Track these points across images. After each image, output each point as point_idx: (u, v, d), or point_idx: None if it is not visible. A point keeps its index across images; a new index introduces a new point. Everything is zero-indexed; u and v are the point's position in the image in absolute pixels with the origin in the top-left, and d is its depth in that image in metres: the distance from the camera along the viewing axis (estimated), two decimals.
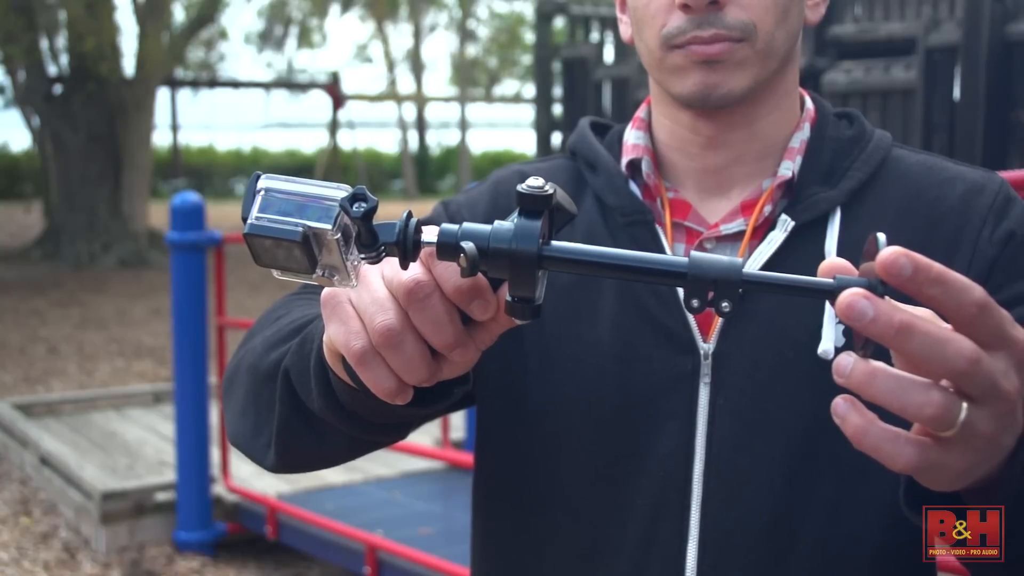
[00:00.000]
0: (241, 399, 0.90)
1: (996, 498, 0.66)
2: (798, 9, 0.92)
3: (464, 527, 1.04)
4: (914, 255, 0.54)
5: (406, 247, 0.63)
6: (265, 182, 0.63)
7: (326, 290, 0.69)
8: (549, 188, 0.63)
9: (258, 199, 0.62)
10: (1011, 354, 0.56)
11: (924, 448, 0.56)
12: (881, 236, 0.57)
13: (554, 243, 0.63)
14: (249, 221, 0.61)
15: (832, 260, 0.60)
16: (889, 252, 0.54)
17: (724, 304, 0.59)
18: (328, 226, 0.60)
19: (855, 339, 0.58)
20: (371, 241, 0.62)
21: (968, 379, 0.55)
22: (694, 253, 0.60)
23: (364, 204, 0.61)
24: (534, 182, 0.62)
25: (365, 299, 0.67)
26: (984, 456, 0.58)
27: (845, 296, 0.54)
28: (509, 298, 0.63)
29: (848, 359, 0.56)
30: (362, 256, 0.63)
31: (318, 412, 0.80)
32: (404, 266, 0.64)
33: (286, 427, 0.85)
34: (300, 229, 0.60)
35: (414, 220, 0.63)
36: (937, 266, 0.54)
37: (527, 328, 0.93)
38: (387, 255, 0.63)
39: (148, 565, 4.28)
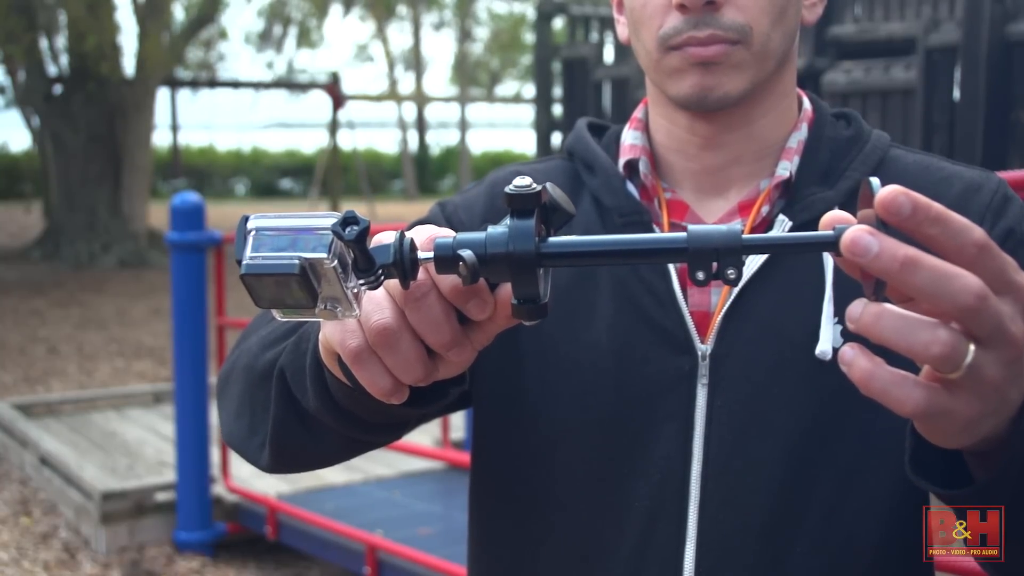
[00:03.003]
0: (236, 399, 0.90)
1: (1000, 463, 0.65)
2: (795, 10, 0.92)
3: (464, 527, 1.04)
4: (913, 194, 0.53)
5: (404, 267, 0.62)
6: (254, 222, 0.62)
7: None
8: (537, 186, 0.62)
9: (250, 240, 0.61)
10: (1016, 299, 0.56)
11: (932, 391, 0.56)
12: (874, 180, 0.57)
13: (551, 239, 0.63)
14: (244, 263, 0.60)
15: (834, 212, 0.59)
16: (888, 191, 0.53)
17: (730, 272, 0.59)
18: (324, 254, 0.60)
19: (864, 286, 0.58)
20: (368, 265, 0.62)
21: (975, 317, 0.54)
22: (691, 226, 0.60)
23: (356, 226, 0.60)
24: (520, 181, 0.62)
25: (362, 300, 0.67)
26: (991, 406, 0.57)
27: (849, 232, 0.54)
28: (515, 301, 0.63)
29: (858, 304, 0.55)
30: (361, 282, 0.62)
31: (313, 411, 0.80)
32: (405, 286, 0.63)
33: (281, 427, 0.84)
34: (297, 261, 0.59)
35: (408, 239, 0.63)
36: (936, 205, 0.54)
37: (524, 329, 0.93)
38: (386, 277, 0.63)
39: (148, 565, 4.28)
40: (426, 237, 0.65)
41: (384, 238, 0.64)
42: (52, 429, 5.59)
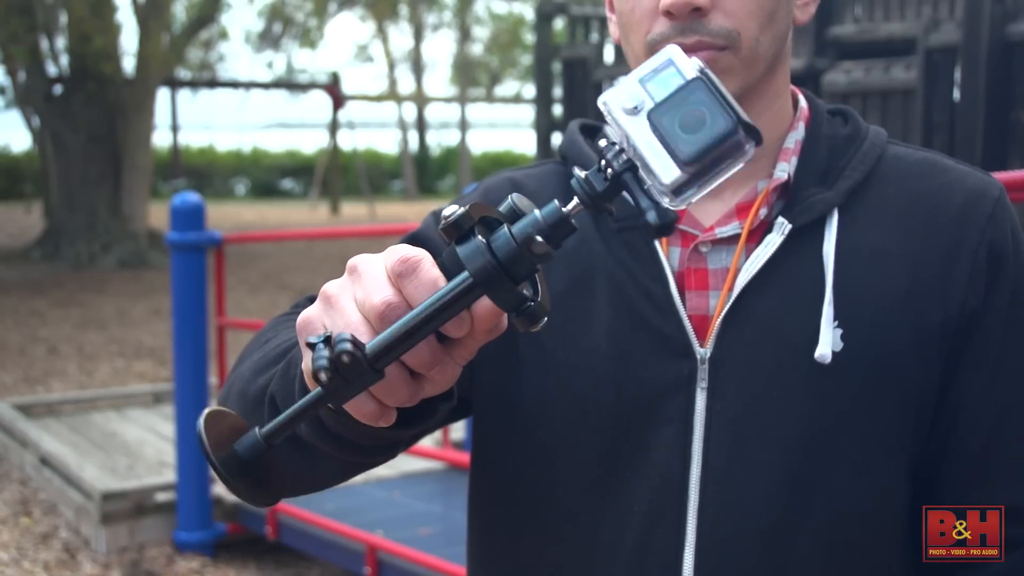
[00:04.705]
0: None
1: None
2: (785, 12, 0.92)
3: (464, 528, 1.04)
4: None
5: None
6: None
7: (301, 317, 0.69)
8: (460, 209, 0.64)
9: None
10: None
11: None
12: None
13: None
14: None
15: None
16: None
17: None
18: None
19: None
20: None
21: None
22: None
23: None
24: (446, 212, 0.64)
25: (339, 324, 0.66)
26: None
27: None
28: (512, 314, 0.64)
29: None
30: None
31: (305, 437, 0.79)
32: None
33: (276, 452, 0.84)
34: None
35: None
36: None
37: (522, 336, 0.92)
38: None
39: (148, 565, 4.28)
40: (397, 258, 0.65)
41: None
42: (52, 429, 5.59)
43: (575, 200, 0.65)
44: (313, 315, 0.69)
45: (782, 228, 0.90)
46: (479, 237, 0.63)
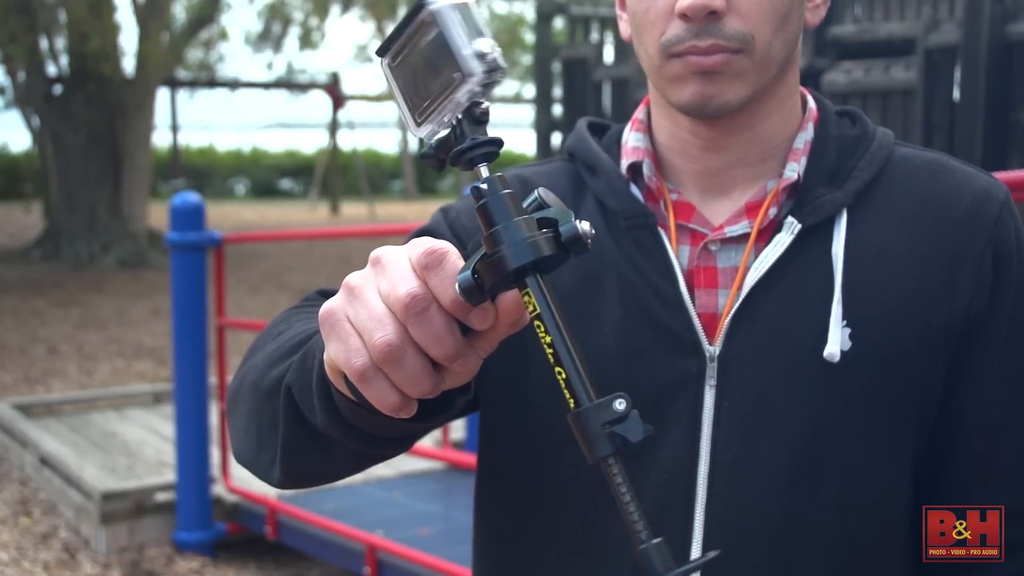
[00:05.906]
0: (244, 416, 0.90)
1: None
2: (797, 15, 0.92)
3: (464, 527, 1.04)
4: None
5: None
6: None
7: (324, 308, 0.69)
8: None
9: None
10: None
11: None
12: None
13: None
14: None
15: None
16: None
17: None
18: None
19: None
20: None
21: None
22: None
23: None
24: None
25: (363, 315, 0.66)
26: None
27: None
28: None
29: None
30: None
31: (321, 428, 0.79)
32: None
33: (290, 443, 0.84)
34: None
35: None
36: None
37: (529, 333, 0.92)
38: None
39: (148, 565, 4.28)
40: (423, 250, 0.65)
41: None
42: (52, 429, 5.59)
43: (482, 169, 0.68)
44: (336, 306, 0.69)
45: (791, 228, 0.90)
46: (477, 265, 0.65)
